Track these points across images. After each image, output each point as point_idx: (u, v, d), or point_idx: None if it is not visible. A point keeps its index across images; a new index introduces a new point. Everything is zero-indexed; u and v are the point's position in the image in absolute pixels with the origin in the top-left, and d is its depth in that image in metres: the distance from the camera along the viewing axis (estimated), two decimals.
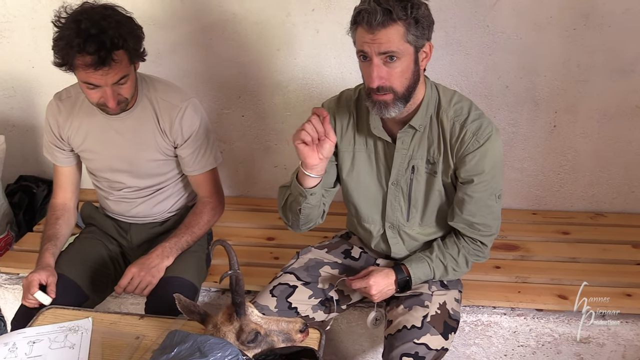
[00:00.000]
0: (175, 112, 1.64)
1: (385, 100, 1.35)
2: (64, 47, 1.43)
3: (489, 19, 2.02)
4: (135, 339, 1.35)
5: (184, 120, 1.64)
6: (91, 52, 1.40)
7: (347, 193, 1.60)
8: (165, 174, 1.75)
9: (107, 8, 1.48)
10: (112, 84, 1.48)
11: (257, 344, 1.18)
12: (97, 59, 1.41)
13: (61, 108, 1.68)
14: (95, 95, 1.51)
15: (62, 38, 1.43)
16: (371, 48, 1.30)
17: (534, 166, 2.25)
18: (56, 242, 1.66)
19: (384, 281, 1.48)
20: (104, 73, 1.44)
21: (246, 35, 2.17)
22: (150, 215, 1.80)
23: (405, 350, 1.39)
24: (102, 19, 1.43)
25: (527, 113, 2.16)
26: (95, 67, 1.42)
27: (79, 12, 1.45)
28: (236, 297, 1.18)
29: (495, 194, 1.48)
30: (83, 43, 1.40)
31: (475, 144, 1.40)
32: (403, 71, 1.33)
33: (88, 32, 1.40)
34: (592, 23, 1.98)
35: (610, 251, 2.03)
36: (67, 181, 1.76)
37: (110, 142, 1.67)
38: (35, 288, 1.49)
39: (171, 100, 1.65)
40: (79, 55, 1.41)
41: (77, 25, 1.41)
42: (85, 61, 1.42)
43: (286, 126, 2.31)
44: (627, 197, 2.27)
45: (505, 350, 1.84)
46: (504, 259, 1.99)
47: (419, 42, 1.32)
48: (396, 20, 1.27)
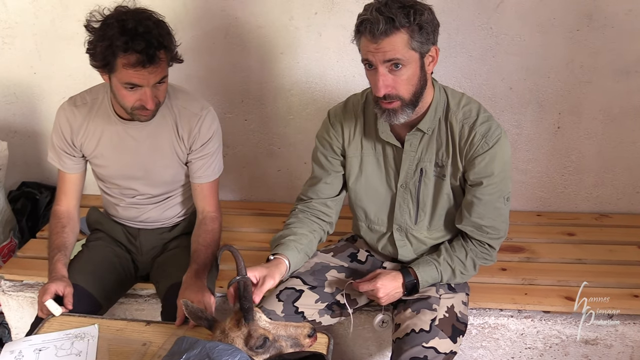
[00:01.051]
0: (195, 120, 1.64)
1: (393, 107, 1.36)
2: (108, 47, 1.41)
3: (492, 21, 2.02)
4: (142, 345, 1.34)
5: (203, 127, 1.64)
6: (138, 50, 1.39)
7: (355, 198, 1.60)
8: (178, 181, 1.74)
9: (144, 10, 1.48)
10: (153, 85, 1.48)
11: (266, 349, 1.18)
12: (144, 57, 1.40)
13: (76, 114, 1.65)
14: (133, 98, 1.49)
15: (104, 38, 1.42)
16: (375, 57, 1.30)
17: (538, 167, 2.25)
18: (65, 252, 1.64)
19: (392, 284, 1.48)
20: (150, 72, 1.43)
21: (249, 39, 2.17)
22: (160, 221, 1.79)
23: (414, 354, 1.38)
24: (145, 18, 1.44)
25: (531, 114, 2.16)
26: (143, 65, 1.41)
27: (120, 13, 1.44)
28: (244, 303, 1.17)
29: (504, 197, 1.47)
30: (130, 41, 1.39)
31: (485, 146, 1.40)
32: (409, 78, 1.33)
33: (135, 31, 1.39)
34: (595, 24, 1.98)
35: (616, 252, 2.02)
36: (73, 188, 1.74)
37: (126, 149, 1.66)
38: (48, 296, 1.47)
39: (192, 109, 1.65)
40: (124, 54, 1.40)
41: (121, 24, 1.40)
42: (130, 60, 1.41)
43: (289, 130, 2.31)
44: (632, 198, 2.26)
45: (512, 353, 1.84)
46: (510, 261, 1.98)
47: (423, 47, 1.32)
48: (399, 28, 1.27)
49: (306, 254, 1.56)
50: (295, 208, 1.64)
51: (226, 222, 2.24)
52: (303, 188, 1.66)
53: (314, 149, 1.63)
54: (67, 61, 2.31)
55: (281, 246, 1.51)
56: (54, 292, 1.49)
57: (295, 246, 1.51)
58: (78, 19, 2.22)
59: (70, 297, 1.51)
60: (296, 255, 1.52)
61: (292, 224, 1.58)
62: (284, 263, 1.47)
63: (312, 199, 1.62)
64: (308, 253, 1.58)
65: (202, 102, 1.69)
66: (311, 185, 1.63)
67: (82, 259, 1.72)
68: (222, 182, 2.41)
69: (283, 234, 1.55)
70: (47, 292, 1.48)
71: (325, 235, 1.65)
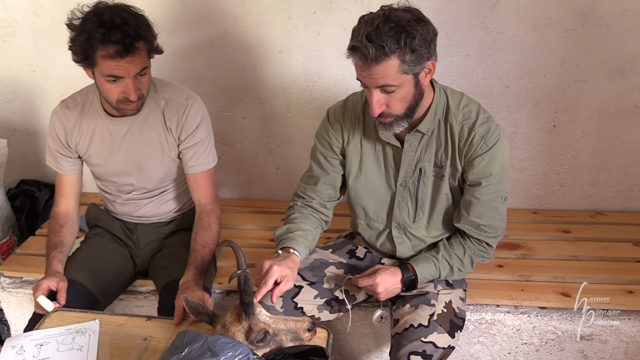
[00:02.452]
0: (181, 110, 1.66)
1: (388, 122, 1.39)
2: (87, 40, 1.44)
3: (489, 20, 2.03)
4: (143, 340, 1.35)
5: (190, 115, 1.66)
6: (116, 40, 1.41)
7: (355, 196, 1.61)
8: (171, 174, 1.75)
9: (123, 5, 1.51)
10: (134, 76, 1.49)
11: (266, 343, 1.19)
12: (122, 48, 1.42)
13: (68, 115, 1.68)
14: (116, 90, 1.51)
15: (83, 32, 1.45)
16: (368, 82, 1.32)
17: (534, 166, 2.27)
18: (62, 249, 1.66)
19: (391, 279, 1.49)
20: (128, 62, 1.45)
21: (247, 38, 2.18)
22: (157, 215, 1.81)
23: (413, 349, 1.40)
24: (123, 10, 1.47)
25: (527, 113, 2.18)
26: (121, 56, 1.43)
27: (98, 8, 1.48)
28: (245, 297, 1.18)
29: (502, 196, 1.49)
30: (107, 33, 1.41)
31: (484, 147, 1.42)
32: (403, 97, 1.35)
33: (111, 22, 1.42)
34: (590, 23, 2.00)
35: (611, 249, 2.04)
36: (71, 189, 1.76)
37: (118, 146, 1.68)
38: (39, 292, 1.49)
39: (177, 100, 1.67)
40: (103, 45, 1.43)
41: (98, 17, 1.44)
42: (109, 51, 1.43)
43: (288, 128, 2.32)
44: (627, 196, 2.29)
45: (509, 348, 1.85)
46: (507, 258, 2.00)
47: (416, 69, 1.31)
48: (389, 55, 1.26)
49: (310, 249, 1.58)
50: (296, 204, 1.65)
51: (225, 220, 2.25)
52: (301, 185, 1.67)
53: (313, 148, 1.64)
54: (66, 59, 2.26)
55: (291, 240, 1.51)
56: (47, 289, 1.50)
57: (303, 242, 1.53)
58: None
59: (64, 292, 1.52)
60: (305, 252, 1.53)
61: (298, 218, 1.59)
62: (298, 260, 1.48)
63: (313, 199, 1.63)
64: (311, 249, 1.60)
65: (187, 92, 1.70)
66: (310, 184, 1.64)
67: (80, 255, 1.73)
68: (221, 180, 2.43)
69: (290, 227, 1.56)
70: (39, 288, 1.50)
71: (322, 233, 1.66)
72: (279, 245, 1.52)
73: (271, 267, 1.36)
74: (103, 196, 1.85)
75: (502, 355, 1.87)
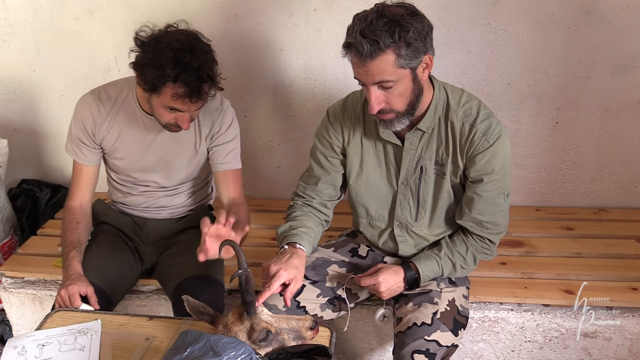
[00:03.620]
0: (216, 113, 1.68)
1: (389, 118, 1.37)
2: (160, 76, 1.41)
3: (491, 16, 2.02)
4: (146, 340, 1.35)
5: (225, 115, 1.69)
6: (189, 84, 1.41)
7: (356, 195, 1.61)
8: (194, 174, 1.76)
9: (195, 38, 1.48)
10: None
11: (269, 342, 1.18)
12: (192, 92, 1.43)
13: (100, 108, 1.65)
14: (170, 117, 1.52)
15: (156, 64, 1.41)
16: (365, 79, 1.31)
17: (537, 163, 2.26)
18: (80, 249, 1.64)
19: (393, 278, 1.48)
20: (194, 102, 1.46)
21: (248, 36, 2.17)
22: (168, 209, 1.80)
23: (416, 347, 1.39)
24: (199, 50, 1.44)
25: (529, 110, 2.17)
26: (189, 98, 1.44)
27: (173, 38, 1.44)
28: (247, 297, 1.18)
29: (504, 193, 1.48)
30: (183, 74, 1.40)
31: (485, 143, 1.41)
32: (401, 93, 1.34)
33: (188, 65, 1.40)
34: (593, 20, 1.99)
35: (614, 246, 2.04)
36: (88, 182, 1.73)
37: (147, 144, 1.67)
38: (79, 302, 1.49)
39: (212, 104, 1.66)
40: (173, 84, 1.42)
41: (175, 54, 1.40)
42: (178, 91, 1.43)
43: (289, 126, 2.31)
44: (630, 192, 2.28)
45: (512, 346, 1.85)
46: (510, 255, 1.99)
47: (413, 63, 1.30)
48: (384, 50, 1.25)
49: (313, 247, 1.57)
50: (296, 203, 1.64)
51: None
52: (301, 185, 1.66)
53: (313, 147, 1.63)
54: (67, 59, 2.31)
55: (296, 236, 1.50)
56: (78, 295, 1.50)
57: (307, 238, 1.52)
58: (76, 16, 2.22)
59: (94, 296, 1.52)
60: (309, 248, 1.52)
61: (300, 216, 1.58)
62: (304, 254, 1.47)
63: (314, 199, 1.63)
64: (314, 247, 1.59)
65: (219, 95, 1.70)
66: (310, 184, 1.63)
67: (92, 256, 1.69)
68: None
69: (292, 225, 1.55)
70: (75, 297, 1.48)
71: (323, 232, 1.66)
72: (283, 242, 1.51)
73: (278, 272, 1.35)
74: (114, 189, 1.82)
75: (506, 353, 1.86)
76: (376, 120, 1.43)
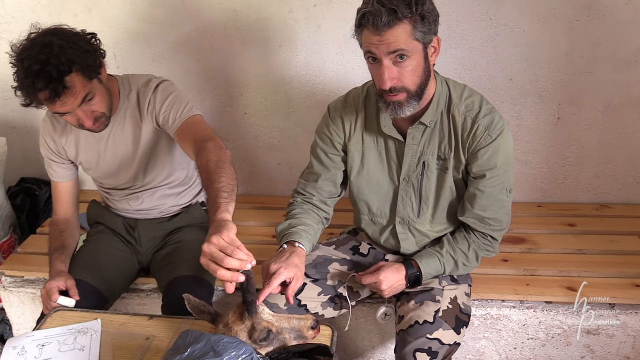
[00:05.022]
0: (150, 90, 1.62)
1: (399, 100, 1.34)
2: (22, 89, 1.42)
3: (492, 12, 2.01)
4: (146, 339, 1.34)
5: (149, 91, 1.62)
6: (43, 88, 1.38)
7: (358, 192, 1.60)
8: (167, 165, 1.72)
9: (47, 34, 1.43)
10: (79, 106, 1.46)
11: (270, 342, 1.18)
12: (51, 93, 1.39)
13: (55, 125, 1.68)
14: (72, 120, 1.51)
15: (17, 80, 1.42)
16: (379, 50, 1.29)
17: (539, 159, 2.25)
18: (63, 251, 1.65)
19: (395, 276, 1.48)
20: (64, 102, 1.42)
21: (248, 33, 2.15)
22: (156, 209, 1.79)
23: (419, 346, 1.38)
24: (40, 51, 1.38)
25: (531, 106, 2.15)
26: (53, 100, 1.41)
27: (23, 49, 1.42)
28: (248, 296, 1.17)
29: (507, 189, 1.47)
30: (33, 83, 1.37)
31: (488, 139, 1.40)
32: (414, 69, 1.32)
33: (32, 70, 1.37)
34: (595, 14, 1.98)
35: (617, 242, 2.03)
36: (68, 196, 1.76)
37: (104, 149, 1.67)
38: (57, 295, 1.48)
39: (144, 85, 1.63)
40: (36, 92, 1.40)
41: (22, 64, 1.39)
42: (44, 96, 1.41)
43: (289, 123, 2.30)
44: (632, 188, 2.27)
45: (515, 344, 1.84)
46: (512, 252, 1.98)
47: (426, 38, 1.30)
48: (402, 19, 1.25)
49: (313, 245, 1.56)
50: (296, 200, 1.63)
51: None
52: (301, 182, 1.65)
53: (314, 144, 1.62)
54: None
55: (295, 235, 1.49)
56: (57, 289, 1.50)
57: (307, 237, 1.51)
58: (75, 13, 2.21)
59: (75, 289, 1.52)
60: (309, 246, 1.51)
61: (299, 214, 1.57)
62: (304, 253, 1.46)
63: (314, 196, 1.62)
64: (314, 245, 1.58)
65: (154, 77, 1.67)
66: (311, 181, 1.62)
67: (85, 255, 1.72)
68: None
69: (292, 223, 1.54)
70: (52, 292, 1.48)
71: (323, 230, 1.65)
72: (282, 241, 1.51)
73: (278, 270, 1.34)
74: (101, 193, 1.84)
75: (508, 350, 1.86)
76: (382, 108, 1.39)
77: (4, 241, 2.24)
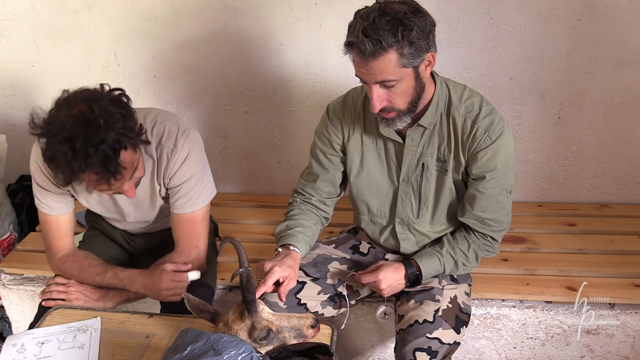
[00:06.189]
0: (176, 154, 1.46)
1: (390, 117, 1.36)
2: (65, 171, 1.24)
3: (493, 10, 2.01)
4: (145, 337, 1.34)
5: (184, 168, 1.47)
6: (97, 170, 1.23)
7: (357, 192, 1.59)
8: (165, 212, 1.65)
9: (90, 107, 1.22)
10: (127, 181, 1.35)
11: (270, 341, 1.17)
12: (105, 174, 1.25)
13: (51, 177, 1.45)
14: (110, 192, 1.39)
15: (55, 158, 1.23)
16: (367, 77, 1.29)
17: (539, 158, 2.25)
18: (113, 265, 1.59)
19: (394, 275, 1.47)
20: (114, 182, 1.30)
21: (248, 31, 2.15)
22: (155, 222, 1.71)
23: (418, 345, 1.38)
24: (94, 132, 1.20)
25: (531, 105, 2.15)
26: (107, 182, 1.27)
27: (63, 126, 1.20)
28: (247, 295, 1.17)
29: (507, 190, 1.47)
30: (85, 164, 1.21)
31: (488, 140, 1.39)
32: (404, 91, 1.32)
33: (86, 152, 1.20)
34: (596, 14, 1.97)
35: (617, 242, 2.03)
36: (70, 227, 1.58)
37: (105, 201, 1.57)
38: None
39: (168, 139, 1.46)
40: (83, 173, 1.25)
41: (69, 144, 1.20)
42: (91, 178, 1.27)
43: (290, 121, 2.30)
44: (633, 188, 2.26)
45: (514, 343, 1.84)
46: (512, 252, 1.98)
47: (415, 61, 1.28)
48: (387, 49, 1.23)
49: (310, 246, 1.56)
50: (295, 200, 1.63)
51: (227, 215, 2.25)
52: (300, 182, 1.65)
53: (313, 145, 1.62)
54: (65, 53, 2.29)
55: (291, 237, 1.50)
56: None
57: (303, 238, 1.51)
58: (75, 10, 2.21)
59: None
60: (306, 248, 1.52)
61: (297, 215, 1.57)
62: (299, 256, 1.47)
63: (313, 196, 1.62)
64: (312, 245, 1.58)
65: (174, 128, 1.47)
66: (310, 181, 1.62)
67: None
68: (222, 174, 2.42)
69: (289, 224, 1.54)
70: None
71: (322, 229, 1.65)
72: (279, 243, 1.51)
73: (272, 268, 1.35)
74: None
75: (508, 350, 1.86)
76: (377, 118, 1.42)
77: (3, 238, 2.23)
